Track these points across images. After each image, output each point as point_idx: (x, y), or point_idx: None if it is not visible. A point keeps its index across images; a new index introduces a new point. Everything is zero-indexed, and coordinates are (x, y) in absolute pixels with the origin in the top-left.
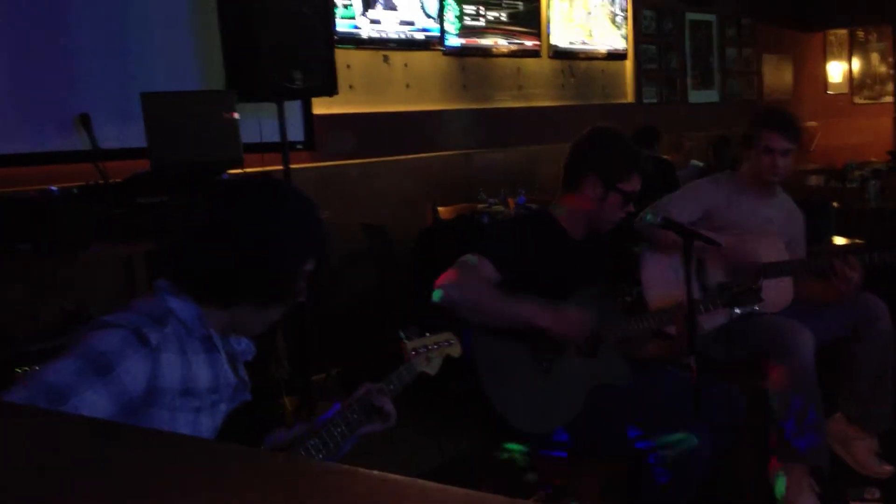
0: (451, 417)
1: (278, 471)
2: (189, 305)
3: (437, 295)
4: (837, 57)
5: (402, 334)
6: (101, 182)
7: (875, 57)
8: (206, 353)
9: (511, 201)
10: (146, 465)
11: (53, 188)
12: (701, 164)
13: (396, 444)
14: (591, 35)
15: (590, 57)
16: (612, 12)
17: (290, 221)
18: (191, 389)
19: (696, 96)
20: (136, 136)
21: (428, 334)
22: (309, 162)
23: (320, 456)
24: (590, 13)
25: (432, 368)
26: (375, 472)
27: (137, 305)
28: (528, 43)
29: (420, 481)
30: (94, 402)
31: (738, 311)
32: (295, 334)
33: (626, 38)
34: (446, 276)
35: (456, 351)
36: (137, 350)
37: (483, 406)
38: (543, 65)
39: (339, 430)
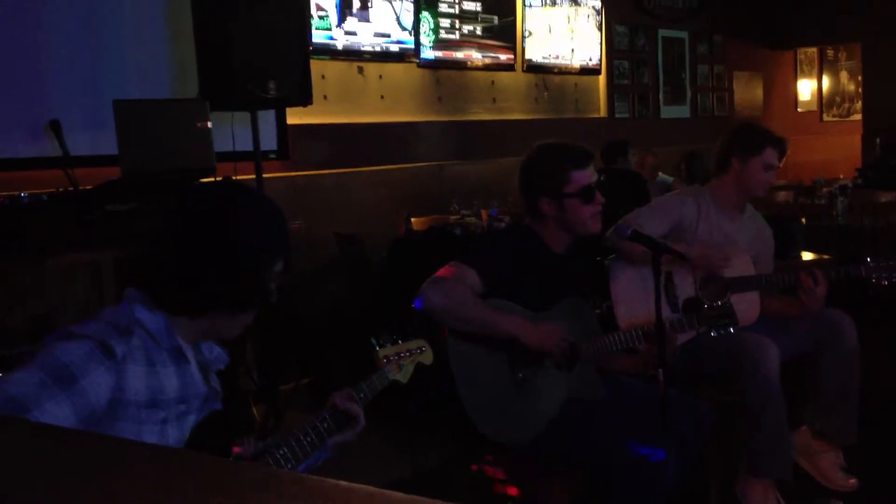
0: (424, 428)
1: (244, 479)
2: (157, 316)
3: (419, 300)
4: (807, 75)
5: (373, 341)
6: (70, 189)
7: (844, 75)
8: (174, 364)
9: (484, 213)
10: (111, 475)
11: (23, 195)
12: (670, 178)
13: (367, 455)
14: (568, 50)
15: (563, 71)
16: (587, 27)
17: (253, 223)
18: (157, 401)
19: (668, 112)
20: (107, 144)
21: (400, 342)
22: (282, 171)
23: (289, 466)
24: (569, 27)
25: (404, 376)
26: (342, 483)
27: (105, 315)
28: (503, 56)
29: (388, 492)
30: (56, 415)
31: (712, 333)
32: (264, 344)
33: (599, 53)
34: (430, 282)
35: (428, 358)
36: (102, 362)
37: (456, 414)
38: (517, 78)
39: (308, 439)
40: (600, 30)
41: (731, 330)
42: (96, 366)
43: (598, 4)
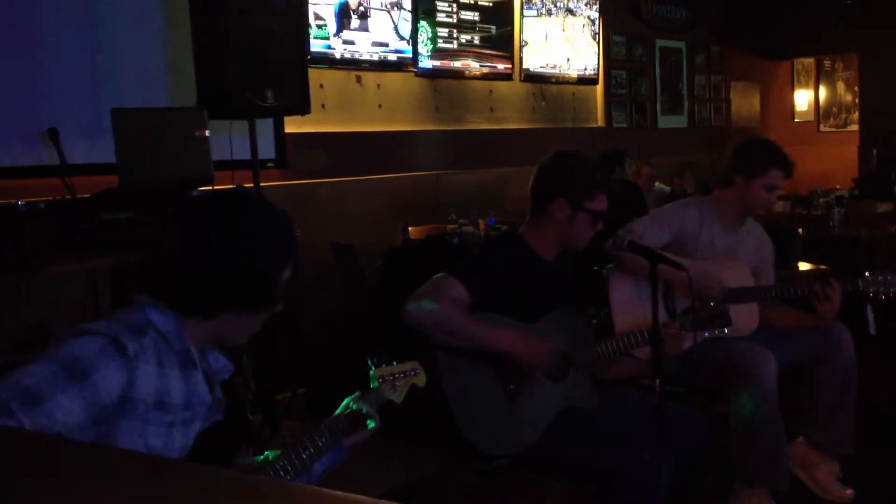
0: (417, 438)
1: (245, 490)
2: (170, 319)
3: (407, 313)
4: (804, 85)
5: (369, 361)
6: (68, 197)
7: (841, 86)
8: (182, 368)
9: (481, 223)
10: (115, 485)
11: (20, 203)
12: (667, 188)
13: (360, 465)
14: (564, 60)
15: (561, 81)
16: (583, 37)
17: (264, 227)
18: (165, 403)
19: (665, 121)
20: (104, 152)
21: (395, 362)
22: (279, 180)
23: (288, 477)
24: (565, 37)
25: (398, 396)
26: (339, 493)
27: (118, 316)
28: (500, 66)
29: (383, 502)
30: (67, 408)
31: (706, 334)
32: (261, 353)
33: (596, 63)
34: (417, 295)
35: (421, 380)
36: (114, 358)
37: (448, 427)
38: (515, 88)
39: (307, 452)
40: (595, 39)
41: (725, 331)
42: (108, 361)
43: (594, 14)
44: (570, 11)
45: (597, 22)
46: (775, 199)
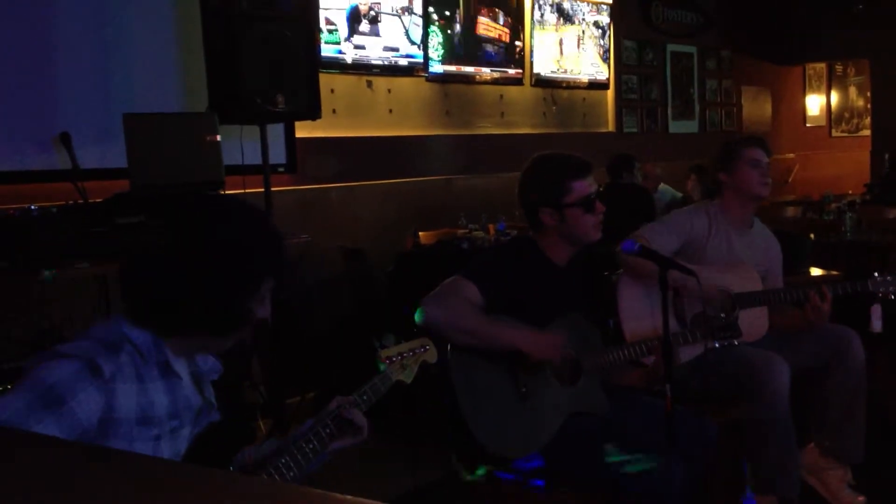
0: (426, 441)
1: (245, 493)
2: (145, 332)
3: (419, 314)
4: (816, 90)
5: (376, 343)
6: (80, 202)
7: (853, 90)
8: (163, 379)
9: (491, 227)
10: (109, 487)
11: (33, 207)
12: (678, 194)
13: (369, 469)
14: (574, 64)
15: (571, 86)
16: (595, 43)
17: (234, 242)
18: (148, 418)
19: (676, 126)
20: (116, 157)
21: (403, 340)
22: (290, 185)
23: (291, 474)
24: (579, 43)
25: (408, 376)
26: (349, 497)
27: (94, 332)
28: (511, 71)
29: None
30: None
31: (716, 344)
32: (270, 357)
33: (607, 68)
34: (430, 297)
35: (432, 357)
36: (91, 382)
37: (458, 429)
38: (525, 93)
39: (310, 446)
40: (599, 45)
41: (735, 342)
42: (85, 385)
43: (603, 20)
44: (568, 20)
45: (602, 27)
46: (768, 176)
